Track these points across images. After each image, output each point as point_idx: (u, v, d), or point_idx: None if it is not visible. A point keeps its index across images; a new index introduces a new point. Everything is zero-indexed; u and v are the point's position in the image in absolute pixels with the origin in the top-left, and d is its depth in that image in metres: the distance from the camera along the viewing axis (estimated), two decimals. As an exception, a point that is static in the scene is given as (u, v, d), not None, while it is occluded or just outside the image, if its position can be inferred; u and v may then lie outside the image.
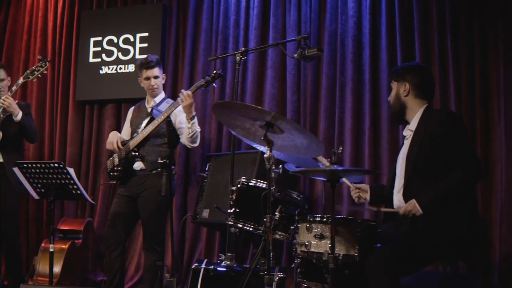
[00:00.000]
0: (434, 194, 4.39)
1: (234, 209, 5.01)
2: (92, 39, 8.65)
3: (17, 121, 6.70)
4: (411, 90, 4.77)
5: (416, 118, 4.73)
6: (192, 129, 6.24)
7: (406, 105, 4.80)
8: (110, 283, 6.37)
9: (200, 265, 5.31)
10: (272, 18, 7.59)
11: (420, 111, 4.74)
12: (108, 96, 8.48)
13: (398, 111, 4.85)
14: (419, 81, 4.79)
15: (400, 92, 4.81)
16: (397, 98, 4.83)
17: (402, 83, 4.81)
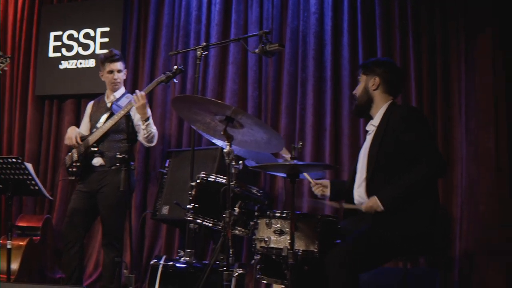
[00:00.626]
0: (396, 191, 4.38)
1: (194, 205, 4.99)
2: (52, 34, 8.57)
3: None
4: (380, 84, 4.75)
5: (380, 114, 4.72)
6: (147, 130, 6.22)
7: (373, 99, 4.79)
8: (69, 280, 6.32)
9: (158, 262, 5.29)
10: (234, 14, 7.57)
11: (384, 106, 4.73)
12: (68, 91, 8.41)
13: (364, 104, 4.83)
14: (389, 76, 4.78)
15: (369, 86, 4.79)
16: (365, 91, 4.81)
17: (372, 76, 4.79)
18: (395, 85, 4.83)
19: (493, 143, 6.14)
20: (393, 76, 4.81)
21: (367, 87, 4.80)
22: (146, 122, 6.18)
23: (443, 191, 6.40)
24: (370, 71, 4.82)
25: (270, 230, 4.48)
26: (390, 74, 4.79)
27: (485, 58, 6.33)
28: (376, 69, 4.80)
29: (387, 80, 4.77)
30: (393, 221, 4.37)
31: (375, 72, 4.79)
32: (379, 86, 4.76)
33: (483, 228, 6.10)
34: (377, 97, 4.77)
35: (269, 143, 4.61)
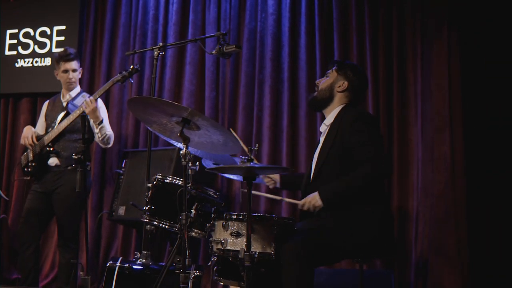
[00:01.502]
0: (335, 188, 4.44)
1: (150, 206, 4.97)
2: (9, 32, 8.49)
3: None
4: (347, 89, 4.77)
5: (333, 114, 4.74)
6: (102, 133, 6.22)
7: (334, 98, 4.80)
8: (25, 281, 6.29)
9: (115, 263, 5.25)
10: (191, 14, 7.55)
11: (339, 107, 4.76)
12: (24, 90, 8.32)
13: (323, 100, 4.83)
14: (358, 86, 4.81)
15: (335, 85, 4.79)
16: (330, 89, 4.80)
17: (342, 78, 4.79)
18: (358, 96, 4.87)
19: (449, 146, 6.19)
20: (361, 88, 4.86)
21: (334, 86, 4.80)
22: (99, 126, 6.18)
23: (399, 192, 6.47)
24: (343, 72, 4.82)
25: (226, 232, 4.47)
26: (359, 85, 4.82)
27: (441, 61, 6.38)
28: (349, 74, 4.80)
29: (355, 88, 4.79)
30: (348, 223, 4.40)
31: (346, 75, 4.80)
32: (345, 91, 4.77)
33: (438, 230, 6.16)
34: (337, 98, 4.79)
35: (225, 145, 4.61)
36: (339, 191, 4.42)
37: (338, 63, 4.93)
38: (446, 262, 6.09)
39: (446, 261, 6.09)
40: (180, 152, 4.34)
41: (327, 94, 4.82)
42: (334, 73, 4.86)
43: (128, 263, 5.27)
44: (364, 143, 4.44)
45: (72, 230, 6.10)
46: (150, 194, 5.02)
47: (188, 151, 4.32)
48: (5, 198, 6.76)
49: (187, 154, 4.32)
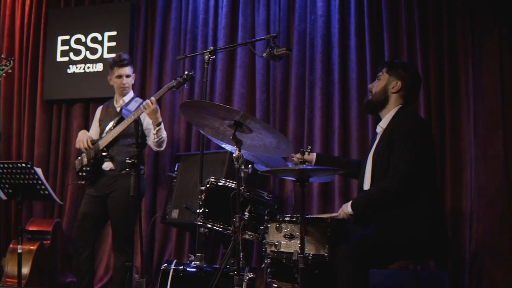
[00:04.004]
0: (363, 199, 4.52)
1: (203, 209, 4.99)
2: (60, 38, 8.57)
3: None
4: (401, 89, 4.73)
5: (389, 116, 4.71)
6: (158, 135, 6.25)
7: (389, 100, 4.76)
8: (79, 284, 6.35)
9: (169, 266, 5.28)
10: (241, 17, 7.58)
11: (394, 109, 4.72)
12: (76, 96, 8.40)
13: (378, 103, 4.80)
14: (412, 84, 4.77)
15: (389, 86, 4.75)
16: (384, 91, 4.76)
17: (395, 78, 4.75)
18: (414, 94, 4.83)
19: (502, 145, 6.14)
20: (415, 84, 4.80)
21: (387, 87, 4.77)
22: (157, 127, 6.21)
23: (452, 192, 6.41)
24: (394, 72, 4.78)
25: (280, 234, 4.49)
26: (412, 82, 4.77)
27: (492, 60, 6.33)
28: (401, 72, 4.76)
29: (409, 87, 4.75)
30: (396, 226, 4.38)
31: (399, 75, 4.76)
32: (399, 91, 4.74)
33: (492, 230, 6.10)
34: (393, 99, 4.75)
35: (278, 148, 4.62)
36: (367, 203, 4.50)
37: (388, 64, 4.90)
38: (500, 263, 6.03)
39: (500, 262, 6.04)
40: (233, 155, 4.36)
41: (382, 96, 4.79)
42: (386, 75, 4.82)
43: (182, 265, 5.29)
44: (399, 151, 4.44)
45: (126, 233, 6.13)
46: (203, 197, 5.04)
47: (241, 154, 4.34)
48: (59, 203, 6.83)
49: (240, 157, 4.33)
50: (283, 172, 5.05)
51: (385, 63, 4.92)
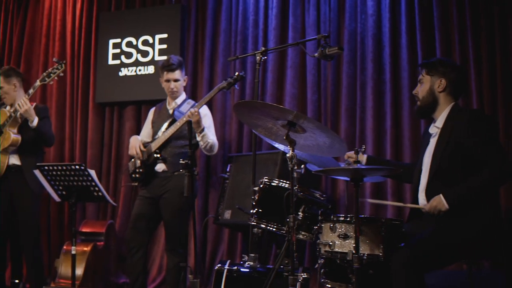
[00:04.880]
0: (461, 191, 4.36)
1: (257, 210, 4.98)
2: (111, 41, 8.67)
3: (32, 127, 6.69)
4: (447, 86, 4.68)
5: (443, 116, 4.65)
6: (204, 141, 6.26)
7: (438, 100, 4.70)
8: (133, 285, 6.39)
9: (223, 266, 5.28)
10: (291, 18, 7.57)
11: (447, 109, 4.66)
12: (128, 98, 8.50)
13: (429, 106, 4.74)
14: (455, 77, 4.69)
15: (434, 87, 4.69)
16: (431, 93, 4.70)
17: (438, 77, 4.69)
18: (461, 86, 4.75)
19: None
20: (459, 77, 4.72)
21: (433, 88, 4.70)
22: (201, 134, 6.21)
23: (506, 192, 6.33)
24: (435, 72, 4.71)
25: (334, 234, 4.47)
26: (456, 75, 4.70)
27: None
28: (441, 69, 4.69)
29: (453, 81, 4.68)
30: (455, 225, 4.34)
31: (440, 73, 4.69)
32: (446, 88, 4.68)
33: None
34: (442, 99, 4.69)
35: (331, 147, 4.60)
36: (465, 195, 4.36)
37: (425, 65, 4.82)
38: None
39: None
40: (287, 155, 4.35)
41: (430, 98, 4.73)
42: (427, 77, 4.76)
43: (236, 266, 5.30)
44: (484, 145, 4.37)
45: (179, 234, 6.16)
46: (257, 197, 5.03)
47: (294, 154, 4.33)
48: (113, 204, 6.89)
49: (294, 157, 4.33)
50: (337, 172, 5.03)
51: (422, 65, 4.86)
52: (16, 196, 6.84)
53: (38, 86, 6.72)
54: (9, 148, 6.75)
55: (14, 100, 6.82)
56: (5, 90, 6.89)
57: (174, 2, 8.41)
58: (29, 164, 6.71)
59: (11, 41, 9.69)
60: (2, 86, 6.87)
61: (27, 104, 6.61)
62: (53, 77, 6.70)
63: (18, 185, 6.83)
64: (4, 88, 6.88)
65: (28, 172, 6.61)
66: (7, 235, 7.07)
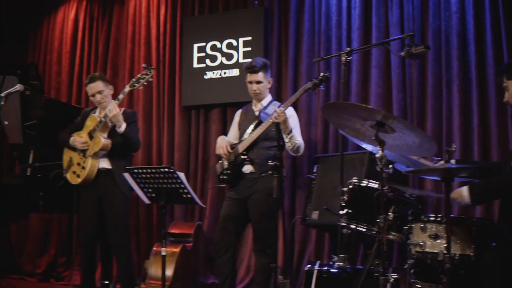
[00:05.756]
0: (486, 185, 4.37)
1: (347, 210, 4.99)
2: (196, 45, 8.78)
3: (120, 132, 6.80)
4: None
5: None
6: (291, 143, 6.24)
7: None
8: (222, 286, 6.42)
9: (313, 267, 5.32)
10: (374, 17, 7.54)
11: None
12: (214, 101, 8.59)
13: None
14: None
15: None
16: None
17: None
18: None
19: None
20: None
21: None
22: (289, 136, 6.22)
23: None
24: None
25: (425, 234, 4.48)
26: None
27: None
28: None
29: None
30: None
31: None
32: None
33: None
34: None
35: (421, 147, 4.58)
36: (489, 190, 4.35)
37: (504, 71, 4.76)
38: None
39: None
40: (376, 156, 4.36)
41: None
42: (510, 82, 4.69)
43: (325, 266, 5.32)
44: None
45: (267, 235, 6.18)
46: (346, 198, 5.04)
47: (384, 154, 4.34)
48: (201, 206, 6.98)
49: (383, 157, 4.33)
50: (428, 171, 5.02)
51: (501, 72, 4.79)
52: (107, 199, 6.96)
53: (127, 92, 6.83)
54: (100, 152, 6.88)
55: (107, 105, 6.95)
56: (105, 94, 7.00)
57: (257, 5, 8.46)
58: (119, 167, 6.82)
59: (97, 47, 9.92)
60: (102, 90, 6.99)
61: (116, 109, 6.72)
62: (142, 83, 6.79)
63: (108, 188, 6.94)
64: (104, 92, 7.00)
65: (118, 175, 6.72)
66: (97, 237, 7.21)
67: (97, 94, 7.00)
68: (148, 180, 5.86)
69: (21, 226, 10.21)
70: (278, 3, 8.34)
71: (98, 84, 7.00)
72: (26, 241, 10.15)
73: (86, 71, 9.84)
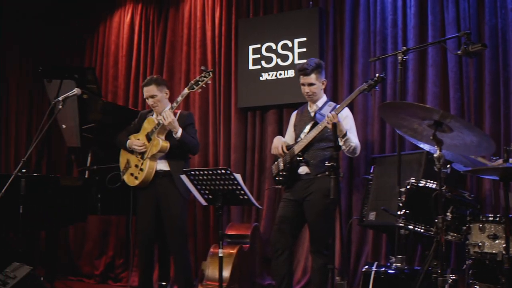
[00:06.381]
0: None
1: (404, 211, 4.96)
2: (251, 47, 8.80)
3: (176, 138, 6.85)
4: None
5: None
6: (346, 145, 6.21)
7: None
8: (278, 287, 6.43)
9: (370, 268, 5.30)
10: (430, 16, 7.47)
11: None
12: (269, 102, 8.59)
13: None
14: None
15: None
16: None
17: None
18: None
19: None
20: None
21: None
22: (343, 139, 6.19)
23: None
24: None
25: (483, 234, 4.44)
26: None
27: None
28: None
29: None
30: None
31: None
32: None
33: None
34: None
35: (479, 146, 4.54)
36: None
37: None
38: None
39: None
40: (434, 155, 4.33)
41: None
42: None
43: (383, 267, 5.30)
44: None
45: (324, 236, 6.18)
46: (404, 198, 5.02)
47: (442, 154, 4.30)
48: (258, 207, 6.99)
49: (441, 157, 4.30)
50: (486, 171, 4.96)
51: None
52: (165, 201, 7.02)
53: (186, 94, 6.87)
54: (157, 154, 6.94)
55: (163, 109, 6.99)
56: (158, 98, 7.06)
57: (312, 5, 8.45)
58: (177, 169, 6.87)
59: (153, 50, 10.01)
60: (155, 94, 7.05)
61: (171, 117, 6.77)
62: (201, 85, 6.82)
63: (166, 190, 7.00)
64: (158, 97, 7.05)
65: (176, 177, 6.78)
66: (155, 239, 7.27)
67: (150, 98, 7.10)
68: (205, 182, 5.90)
69: (79, 228, 10.36)
70: (333, 3, 8.31)
71: (152, 89, 7.09)
72: (85, 243, 10.30)
73: (143, 74, 9.93)
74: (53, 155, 10.62)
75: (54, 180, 7.73)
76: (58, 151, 10.68)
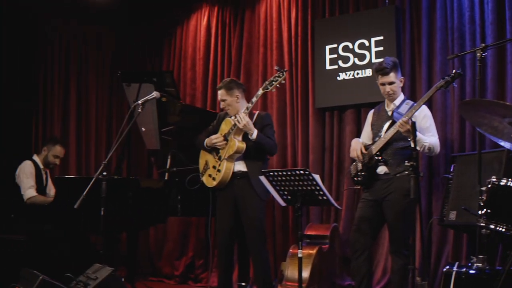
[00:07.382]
0: None
1: (486, 210, 4.89)
2: (328, 47, 8.78)
3: (252, 139, 6.88)
4: None
5: None
6: (419, 146, 6.13)
7: None
8: (358, 287, 6.42)
9: (451, 268, 5.23)
10: (507, 11, 7.31)
11: None
12: (347, 102, 8.56)
13: None
14: None
15: None
16: None
17: None
18: None
19: None
20: None
21: None
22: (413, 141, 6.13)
23: None
24: None
25: None
26: None
27: None
28: None
29: None
30: None
31: None
32: None
33: None
34: None
35: None
36: None
37: None
38: None
39: None
40: (514, 154, 4.27)
41: None
42: None
43: (464, 268, 5.23)
44: None
45: (404, 236, 6.15)
46: (485, 197, 4.94)
47: (524, 152, 4.24)
48: (338, 208, 6.97)
49: (523, 155, 4.24)
50: None
51: None
52: (243, 202, 7.06)
53: (261, 94, 6.89)
54: (234, 155, 6.98)
55: (237, 111, 7.01)
56: (228, 102, 7.11)
57: (388, 3, 8.39)
58: (254, 170, 6.91)
59: (229, 52, 10.08)
60: (225, 98, 7.11)
61: (245, 119, 6.80)
62: (275, 85, 6.84)
63: (244, 191, 7.04)
64: (227, 101, 7.11)
65: (254, 178, 6.81)
66: (234, 239, 7.33)
67: (222, 101, 7.18)
68: (284, 183, 5.92)
69: (159, 230, 10.50)
70: (409, 1, 8.24)
71: (222, 93, 7.18)
72: (165, 244, 10.43)
73: (220, 76, 10.00)
74: (133, 158, 10.74)
75: (135, 182, 7.85)
76: (138, 154, 10.86)
